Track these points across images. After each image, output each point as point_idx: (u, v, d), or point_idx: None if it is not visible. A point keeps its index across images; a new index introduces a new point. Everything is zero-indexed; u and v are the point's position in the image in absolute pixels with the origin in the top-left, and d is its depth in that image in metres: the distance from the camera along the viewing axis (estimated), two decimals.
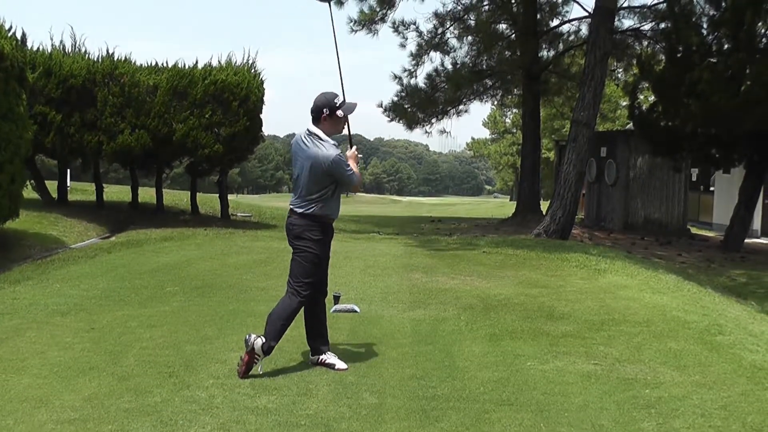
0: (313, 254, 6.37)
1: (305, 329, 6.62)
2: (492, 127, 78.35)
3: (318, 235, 6.37)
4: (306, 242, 6.36)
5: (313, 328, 6.59)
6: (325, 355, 6.49)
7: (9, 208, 12.78)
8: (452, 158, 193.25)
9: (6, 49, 12.28)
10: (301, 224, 6.37)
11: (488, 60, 27.76)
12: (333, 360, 6.46)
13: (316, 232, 6.37)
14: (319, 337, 6.56)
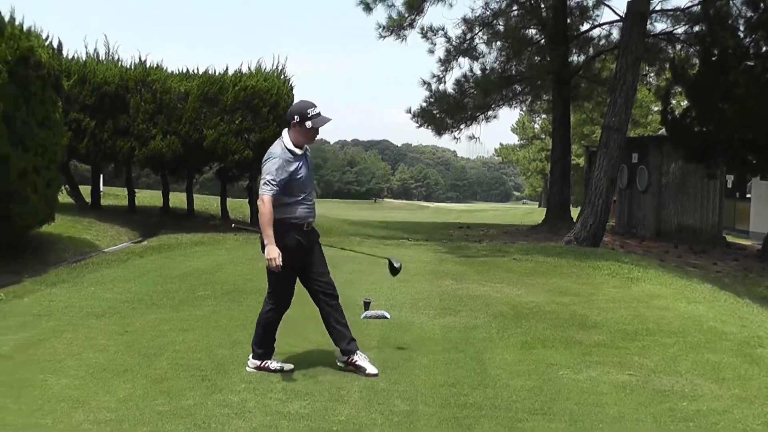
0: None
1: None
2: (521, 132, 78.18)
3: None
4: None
5: (332, 331, 6.61)
6: (355, 356, 6.48)
7: (45, 212, 12.94)
8: (480, 164, 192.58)
9: (43, 58, 12.44)
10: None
11: (517, 65, 27.64)
12: (363, 363, 6.45)
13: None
14: (342, 339, 6.55)
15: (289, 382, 6.17)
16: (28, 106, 11.84)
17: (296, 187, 6.29)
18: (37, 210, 12.48)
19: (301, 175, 6.31)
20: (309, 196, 6.47)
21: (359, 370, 6.38)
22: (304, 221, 6.37)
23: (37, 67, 12.19)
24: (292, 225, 6.30)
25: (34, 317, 8.64)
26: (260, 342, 6.53)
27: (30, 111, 11.92)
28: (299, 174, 6.28)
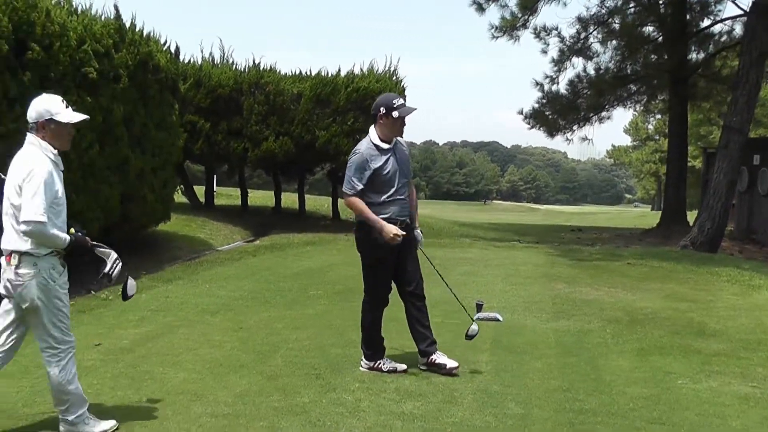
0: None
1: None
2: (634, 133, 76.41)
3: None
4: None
5: (414, 332, 6.57)
6: (435, 355, 6.46)
7: (161, 211, 13.35)
8: (591, 166, 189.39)
9: (161, 62, 12.82)
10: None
11: (633, 64, 26.97)
12: (442, 359, 6.45)
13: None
14: (423, 340, 6.50)
15: (403, 382, 6.19)
16: (146, 109, 12.25)
17: (383, 183, 6.23)
18: (154, 209, 12.90)
19: (388, 170, 6.22)
20: (399, 192, 6.34)
21: (440, 369, 6.38)
22: (396, 220, 6.27)
23: (156, 71, 12.59)
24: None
25: (152, 312, 8.93)
26: (367, 343, 6.59)
27: (148, 114, 12.33)
28: (385, 169, 6.21)
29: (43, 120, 4.75)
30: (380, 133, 6.24)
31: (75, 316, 8.51)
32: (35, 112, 4.79)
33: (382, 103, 6.21)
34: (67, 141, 4.93)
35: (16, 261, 4.65)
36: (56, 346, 4.77)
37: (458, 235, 22.05)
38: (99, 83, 10.43)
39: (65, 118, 4.80)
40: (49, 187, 4.62)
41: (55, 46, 9.43)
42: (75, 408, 4.88)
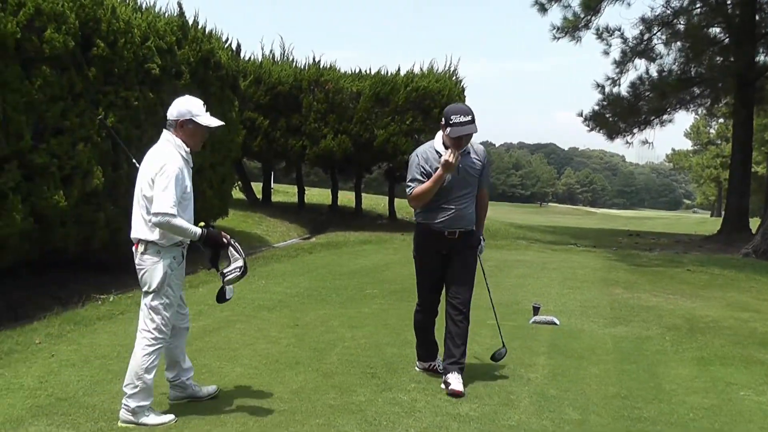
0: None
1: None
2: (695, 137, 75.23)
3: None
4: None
5: (446, 346, 6.22)
6: (450, 375, 6.01)
7: (219, 207, 13.48)
8: (649, 170, 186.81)
9: (223, 59, 12.94)
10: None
11: (697, 66, 26.43)
12: (453, 379, 5.99)
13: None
14: (449, 357, 6.10)
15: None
16: (207, 105, 12.28)
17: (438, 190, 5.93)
18: (212, 205, 13.01)
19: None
20: (454, 201, 6.00)
21: (445, 384, 6.00)
22: (441, 230, 6.03)
23: (217, 68, 12.71)
24: (427, 230, 6.12)
25: (209, 306, 8.99)
26: (418, 343, 6.52)
27: (209, 109, 12.36)
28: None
29: (183, 119, 5.15)
30: (444, 140, 5.96)
31: (134, 308, 8.71)
32: (177, 111, 5.16)
33: (445, 114, 5.93)
34: (199, 142, 5.35)
35: (143, 248, 5.05)
36: (152, 332, 5.10)
37: (514, 237, 21.92)
38: (161, 79, 10.58)
39: (204, 121, 5.22)
40: (179, 182, 5.00)
41: (120, 43, 9.57)
42: (140, 397, 5.03)
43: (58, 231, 8.74)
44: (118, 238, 9.93)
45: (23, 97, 7.86)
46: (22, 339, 7.12)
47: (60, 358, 6.52)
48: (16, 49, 7.87)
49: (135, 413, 5.00)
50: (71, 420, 4.96)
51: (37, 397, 5.44)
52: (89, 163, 8.96)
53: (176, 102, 5.23)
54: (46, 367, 6.23)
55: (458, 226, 6.03)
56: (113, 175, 9.59)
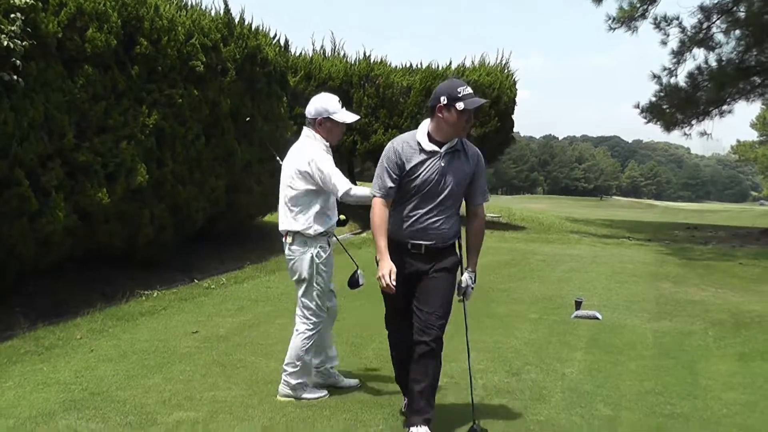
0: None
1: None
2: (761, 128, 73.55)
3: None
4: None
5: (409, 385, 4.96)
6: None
7: (268, 202, 13.57)
8: (715, 162, 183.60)
9: (270, 55, 13.02)
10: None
11: (758, 55, 25.78)
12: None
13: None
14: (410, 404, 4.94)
15: (492, 378, 6.12)
16: (253, 102, 12.44)
17: (409, 192, 4.75)
18: (260, 200, 13.10)
19: (424, 176, 4.70)
20: (434, 210, 4.77)
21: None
22: (406, 240, 4.80)
23: (264, 64, 12.78)
24: (392, 242, 4.77)
25: (252, 302, 9.09)
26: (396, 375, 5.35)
27: (255, 106, 12.51)
28: (417, 173, 4.69)
29: (321, 118, 5.38)
30: (434, 129, 4.74)
31: (177, 303, 8.85)
32: (314, 109, 5.41)
33: (443, 92, 4.67)
34: (338, 137, 5.58)
35: (290, 240, 5.47)
36: (310, 317, 5.50)
37: (567, 231, 21.72)
38: (206, 76, 10.67)
39: (340, 117, 5.43)
40: (331, 161, 5.32)
41: (164, 41, 9.68)
42: (299, 375, 5.46)
43: (102, 228, 8.90)
44: (164, 234, 10.10)
45: (65, 96, 8.00)
46: (63, 334, 7.27)
47: (98, 353, 6.64)
48: (58, 48, 8.01)
49: (295, 389, 5.44)
50: (101, 414, 5.04)
51: (71, 391, 5.54)
52: (133, 161, 9.09)
53: (313, 100, 5.47)
54: (84, 362, 6.35)
55: (426, 239, 4.81)
56: (158, 173, 9.71)
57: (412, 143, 4.77)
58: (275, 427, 4.86)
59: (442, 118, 4.68)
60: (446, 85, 4.76)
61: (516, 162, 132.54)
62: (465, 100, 4.62)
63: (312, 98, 5.51)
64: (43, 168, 7.77)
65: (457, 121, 4.65)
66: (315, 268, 5.44)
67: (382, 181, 4.73)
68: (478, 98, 4.76)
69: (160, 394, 5.48)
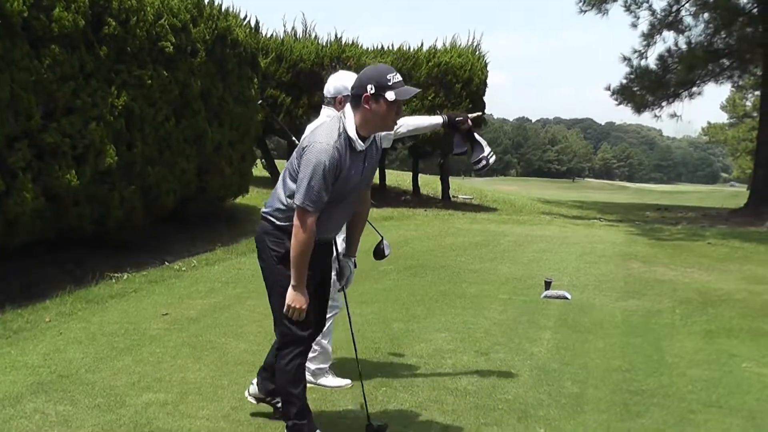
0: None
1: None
2: (730, 110, 74.14)
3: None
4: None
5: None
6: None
7: (239, 184, 13.53)
8: (686, 144, 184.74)
9: (240, 37, 12.94)
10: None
11: (726, 38, 26.00)
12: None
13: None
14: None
15: (461, 358, 6.15)
16: (224, 83, 12.37)
17: (332, 194, 4.07)
18: (232, 182, 13.06)
19: (350, 179, 4.14)
20: (341, 203, 4.24)
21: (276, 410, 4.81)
22: (323, 238, 4.27)
23: (234, 45, 12.70)
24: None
25: (222, 284, 9.07)
26: None
27: (226, 88, 12.45)
28: (346, 176, 4.09)
29: (341, 96, 5.20)
30: (361, 123, 4.07)
31: (147, 286, 8.83)
32: (333, 87, 5.27)
33: (370, 79, 4.02)
34: None
35: None
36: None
37: (539, 212, 21.85)
38: (176, 57, 10.57)
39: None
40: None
41: (132, 21, 9.57)
42: (319, 360, 5.49)
43: (72, 210, 8.81)
44: (134, 217, 10.04)
45: (32, 76, 7.89)
46: (32, 317, 7.22)
47: (67, 336, 6.60)
48: (23, 28, 7.89)
49: (315, 374, 5.45)
50: (70, 396, 5.01)
51: (39, 374, 5.50)
52: (102, 143, 9.00)
53: (332, 78, 5.33)
54: (52, 345, 6.31)
55: (334, 233, 4.54)
56: (127, 155, 9.63)
57: (343, 146, 4.03)
58: (244, 407, 4.86)
59: (369, 109, 4.03)
60: (373, 71, 4.09)
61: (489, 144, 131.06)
62: (396, 89, 4.01)
63: (330, 76, 5.38)
64: (9, 149, 7.66)
65: (387, 113, 4.05)
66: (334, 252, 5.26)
67: (318, 196, 3.94)
68: (410, 87, 4.17)
69: (130, 376, 5.46)
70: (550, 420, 4.79)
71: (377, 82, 3.98)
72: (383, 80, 3.98)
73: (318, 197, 3.94)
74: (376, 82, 3.98)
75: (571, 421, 4.77)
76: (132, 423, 4.55)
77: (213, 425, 4.58)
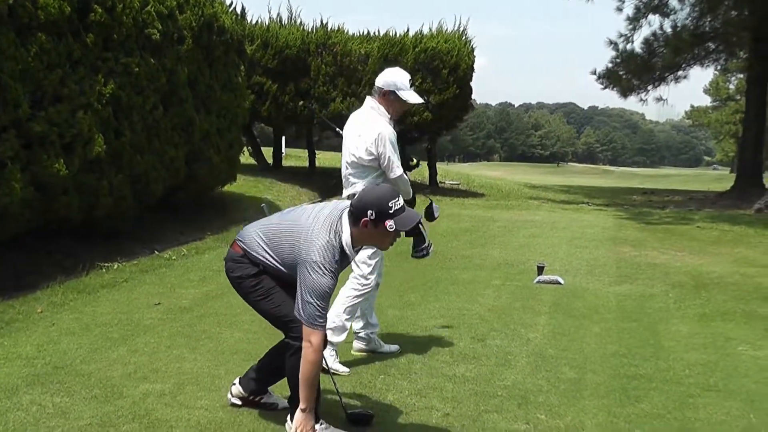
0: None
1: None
2: (714, 94, 74.37)
3: None
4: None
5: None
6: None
7: (227, 172, 13.45)
8: (669, 127, 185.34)
9: (226, 24, 12.84)
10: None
11: (712, 21, 26.04)
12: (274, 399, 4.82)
13: None
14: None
15: (458, 345, 6.14)
16: (211, 71, 12.27)
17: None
18: (220, 170, 12.98)
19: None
20: None
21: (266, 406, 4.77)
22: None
23: (221, 32, 12.59)
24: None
25: (214, 273, 9.00)
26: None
27: (213, 75, 12.35)
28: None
29: (387, 89, 5.44)
30: (357, 237, 4.06)
31: (138, 275, 8.77)
32: (384, 80, 5.47)
33: (372, 205, 3.96)
34: (397, 113, 5.59)
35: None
36: (359, 278, 5.62)
37: (527, 197, 21.85)
38: (162, 45, 10.46)
39: (404, 96, 5.45)
40: (394, 145, 5.45)
41: (118, 8, 9.45)
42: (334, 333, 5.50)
43: (61, 199, 8.72)
44: (123, 205, 9.95)
45: (19, 64, 7.79)
46: (24, 308, 7.14)
47: (60, 327, 6.54)
48: (9, 15, 7.78)
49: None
50: (66, 388, 4.95)
51: (34, 366, 5.44)
52: (90, 131, 8.90)
53: (386, 71, 5.53)
54: (46, 336, 6.24)
55: None
56: (115, 143, 9.54)
57: (339, 258, 3.99)
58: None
59: (366, 231, 4.00)
60: (375, 196, 4.01)
61: (473, 129, 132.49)
62: (396, 217, 3.95)
63: (386, 69, 5.57)
64: None
65: (384, 238, 4.05)
66: None
67: (325, 309, 3.92)
68: (412, 213, 4.09)
69: (125, 367, 5.41)
70: (551, 406, 4.77)
71: (378, 210, 3.92)
72: (384, 208, 3.93)
73: (325, 310, 3.90)
74: (377, 209, 3.92)
75: (572, 407, 4.75)
76: (130, 414, 4.50)
77: (212, 415, 4.53)
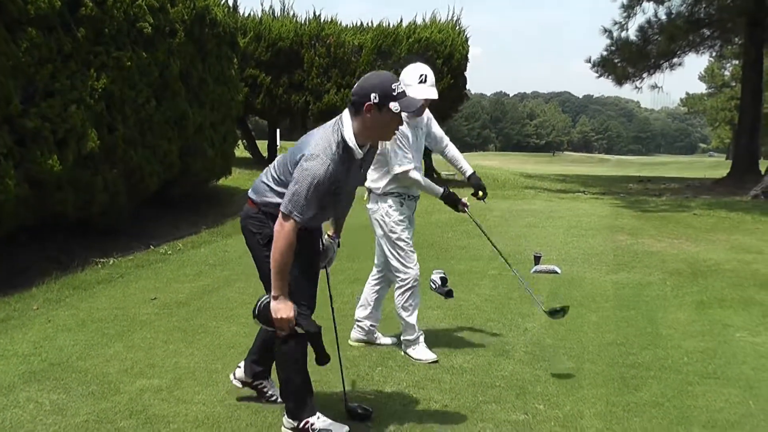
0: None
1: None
2: (709, 80, 74.31)
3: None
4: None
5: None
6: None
7: (221, 165, 13.44)
8: (665, 115, 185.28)
9: (218, 16, 12.80)
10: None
11: (707, 8, 25.99)
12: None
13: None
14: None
15: (455, 335, 6.14)
16: (204, 64, 12.26)
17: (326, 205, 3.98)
18: (214, 164, 12.96)
19: (342, 188, 3.98)
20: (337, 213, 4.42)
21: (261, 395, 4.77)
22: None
23: (213, 25, 12.56)
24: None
25: (209, 267, 8.99)
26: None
27: (206, 68, 12.34)
28: (340, 186, 3.94)
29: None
30: (359, 132, 3.88)
31: (134, 270, 8.73)
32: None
33: (374, 87, 3.83)
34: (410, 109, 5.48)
35: (367, 197, 5.67)
36: (396, 274, 5.64)
37: (523, 187, 21.84)
38: (154, 38, 10.43)
39: (412, 92, 5.24)
40: (406, 140, 5.40)
41: (109, 2, 9.40)
42: (405, 332, 5.67)
43: (55, 196, 8.69)
44: (118, 200, 9.92)
45: (9, 60, 7.74)
46: (19, 305, 7.12)
47: (56, 323, 6.51)
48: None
49: (406, 345, 5.69)
50: (63, 384, 4.94)
51: (30, 363, 5.42)
52: (83, 126, 8.86)
53: (407, 66, 5.52)
54: (42, 333, 6.22)
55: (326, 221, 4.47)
56: (109, 138, 9.50)
57: (340, 156, 3.84)
58: (239, 391, 4.80)
59: (370, 118, 3.83)
60: (376, 78, 3.90)
61: (468, 119, 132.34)
62: (400, 99, 3.85)
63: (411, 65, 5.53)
64: None
65: (389, 124, 3.90)
66: (386, 225, 5.58)
67: (307, 208, 3.78)
68: (415, 97, 4.16)
69: (122, 363, 5.39)
70: (549, 396, 4.75)
71: (381, 91, 3.80)
72: (388, 89, 3.80)
73: (306, 209, 3.78)
74: (380, 91, 3.79)
75: (570, 397, 4.73)
76: (128, 410, 4.48)
77: (209, 410, 4.52)
